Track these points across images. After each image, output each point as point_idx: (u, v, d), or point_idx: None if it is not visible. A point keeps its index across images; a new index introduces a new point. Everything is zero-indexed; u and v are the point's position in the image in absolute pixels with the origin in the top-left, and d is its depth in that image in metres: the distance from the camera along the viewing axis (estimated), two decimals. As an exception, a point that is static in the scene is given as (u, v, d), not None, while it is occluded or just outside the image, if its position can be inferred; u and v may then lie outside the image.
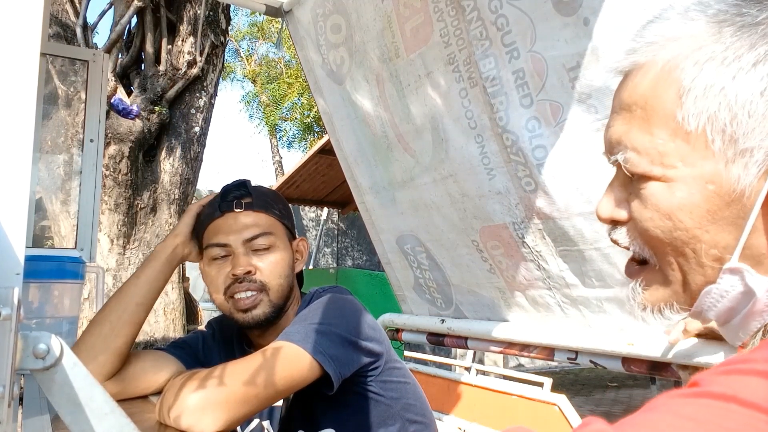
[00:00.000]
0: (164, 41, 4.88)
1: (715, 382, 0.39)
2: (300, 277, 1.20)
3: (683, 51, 0.47)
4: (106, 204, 4.47)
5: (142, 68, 4.94)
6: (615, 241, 0.54)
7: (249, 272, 1.06)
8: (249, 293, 1.06)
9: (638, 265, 0.54)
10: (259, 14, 2.59)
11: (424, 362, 3.06)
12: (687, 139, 0.46)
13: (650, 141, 0.48)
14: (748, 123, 0.44)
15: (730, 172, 0.45)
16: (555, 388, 2.26)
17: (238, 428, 1.11)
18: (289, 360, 0.93)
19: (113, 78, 4.52)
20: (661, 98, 0.48)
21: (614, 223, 0.54)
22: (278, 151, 15.98)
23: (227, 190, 1.12)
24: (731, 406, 0.36)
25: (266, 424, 1.12)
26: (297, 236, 1.19)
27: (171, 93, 4.88)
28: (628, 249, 0.53)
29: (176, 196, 4.94)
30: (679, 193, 0.47)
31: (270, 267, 1.08)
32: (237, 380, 0.88)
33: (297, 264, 1.16)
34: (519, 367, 7.24)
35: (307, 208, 11.45)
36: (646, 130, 0.49)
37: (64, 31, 4.48)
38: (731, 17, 0.46)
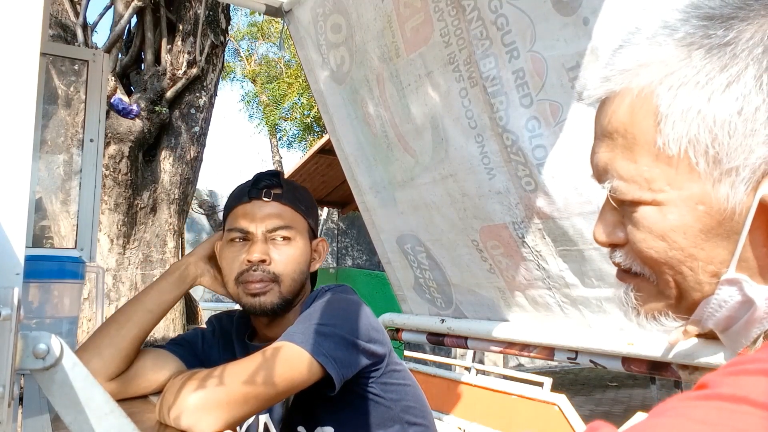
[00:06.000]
0: (164, 41, 4.88)
1: (725, 384, 0.39)
2: (314, 277, 1.20)
3: (656, 77, 0.47)
4: (106, 204, 4.47)
5: (142, 68, 4.94)
6: (617, 264, 0.54)
7: (263, 261, 1.07)
8: (261, 283, 1.07)
9: (630, 273, 0.53)
10: (259, 14, 2.59)
11: (424, 362, 3.06)
12: (670, 163, 0.47)
13: (635, 168, 0.48)
14: (730, 143, 0.44)
15: (718, 191, 0.45)
16: (555, 388, 2.26)
17: (237, 427, 1.11)
18: (290, 361, 0.93)
19: (113, 78, 4.52)
20: (640, 125, 0.48)
21: (613, 246, 0.54)
22: (278, 151, 15.97)
23: (259, 177, 1.13)
24: (742, 407, 0.36)
25: (265, 417, 1.12)
26: (319, 236, 1.20)
27: (171, 93, 4.88)
28: (629, 271, 0.53)
29: (176, 196, 4.94)
30: (670, 216, 0.47)
31: (285, 260, 1.09)
32: (237, 380, 0.88)
33: (313, 263, 1.17)
34: (519, 367, 7.24)
35: (307, 208, 11.43)
36: (630, 158, 0.49)
37: (64, 32, 4.48)
38: (699, 40, 0.46)
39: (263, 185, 1.11)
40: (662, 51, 0.47)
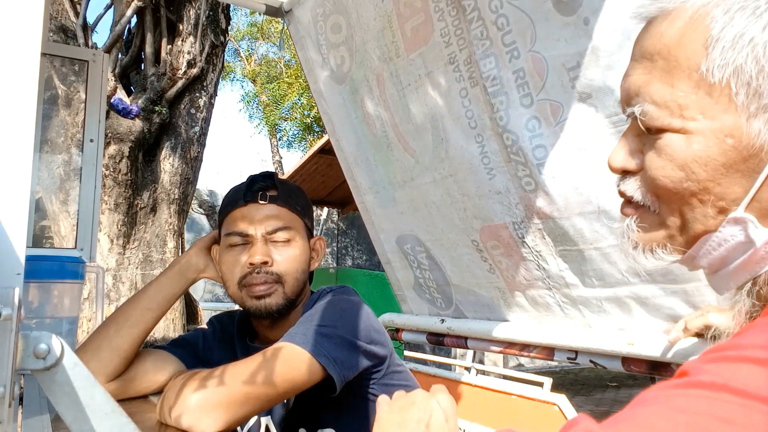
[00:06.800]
0: (164, 41, 4.88)
1: (705, 371, 0.39)
2: (310, 275, 1.21)
3: None
4: (106, 204, 4.47)
5: (142, 68, 4.94)
6: (622, 193, 0.53)
7: (266, 263, 1.07)
8: (265, 285, 1.07)
9: (633, 203, 0.53)
10: (259, 14, 2.59)
11: (424, 362, 3.06)
12: (710, 91, 0.45)
13: (671, 93, 0.47)
14: None
15: (751, 126, 0.44)
16: (555, 388, 2.26)
17: (238, 428, 1.11)
18: (291, 361, 0.93)
19: (113, 78, 4.52)
20: (687, 48, 0.46)
21: (624, 173, 0.53)
22: (278, 151, 15.97)
23: (254, 180, 1.13)
24: (723, 395, 0.36)
25: (266, 419, 1.12)
26: (315, 235, 1.20)
27: (171, 93, 4.88)
28: (631, 200, 0.52)
29: (176, 196, 4.94)
30: (696, 146, 0.46)
31: (287, 260, 1.09)
32: (238, 380, 0.88)
33: (312, 262, 1.17)
34: (519, 367, 7.24)
35: (307, 208, 11.42)
36: (668, 81, 0.47)
37: (64, 32, 4.48)
38: None
39: (258, 188, 1.10)
40: None
